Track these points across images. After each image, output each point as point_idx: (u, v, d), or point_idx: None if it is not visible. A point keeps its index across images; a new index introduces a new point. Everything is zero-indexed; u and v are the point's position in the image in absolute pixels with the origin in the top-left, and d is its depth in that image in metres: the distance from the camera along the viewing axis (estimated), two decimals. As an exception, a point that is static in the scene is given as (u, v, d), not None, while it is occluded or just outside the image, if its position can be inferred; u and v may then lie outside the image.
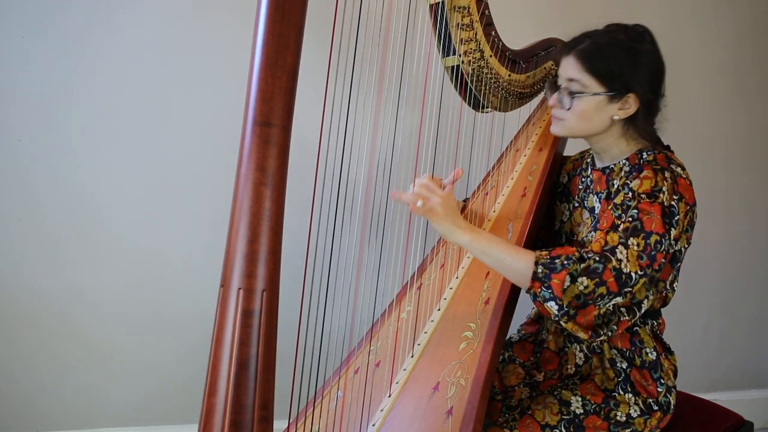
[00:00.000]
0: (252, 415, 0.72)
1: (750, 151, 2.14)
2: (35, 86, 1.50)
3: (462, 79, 1.20)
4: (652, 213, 0.95)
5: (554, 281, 0.91)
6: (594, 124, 1.07)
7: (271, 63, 0.71)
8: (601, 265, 0.91)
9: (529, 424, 1.02)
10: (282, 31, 0.72)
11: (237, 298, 0.71)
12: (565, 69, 1.07)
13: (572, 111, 1.06)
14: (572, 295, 0.90)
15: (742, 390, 2.20)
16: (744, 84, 2.08)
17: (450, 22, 1.14)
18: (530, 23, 1.77)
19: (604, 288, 0.90)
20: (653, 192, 0.97)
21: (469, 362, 0.96)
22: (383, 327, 1.16)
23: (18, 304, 1.56)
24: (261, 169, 0.72)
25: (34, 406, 1.61)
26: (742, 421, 1.21)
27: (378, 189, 1.10)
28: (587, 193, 1.18)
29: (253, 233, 0.72)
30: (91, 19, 1.51)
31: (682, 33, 1.96)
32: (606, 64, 1.04)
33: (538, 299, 0.93)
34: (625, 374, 1.08)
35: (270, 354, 0.73)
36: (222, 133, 1.59)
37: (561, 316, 0.92)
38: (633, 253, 0.92)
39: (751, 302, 2.22)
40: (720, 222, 2.11)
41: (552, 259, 0.93)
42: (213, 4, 1.57)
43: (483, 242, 0.99)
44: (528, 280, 0.93)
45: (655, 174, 0.99)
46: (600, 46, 1.05)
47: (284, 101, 0.72)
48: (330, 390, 1.08)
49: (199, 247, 1.64)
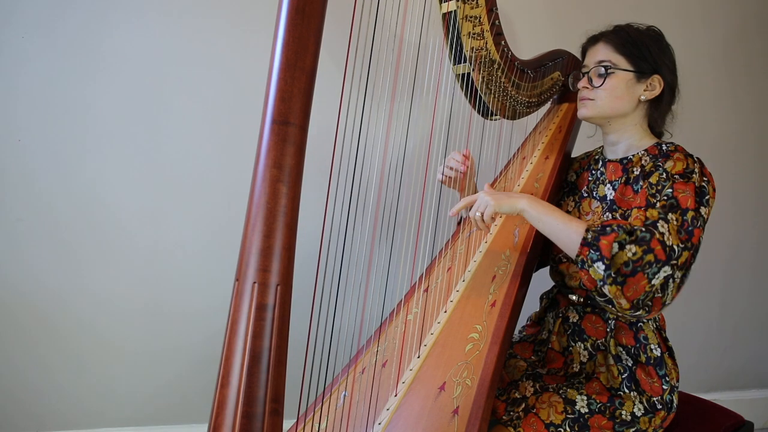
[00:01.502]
0: (263, 408, 0.73)
1: (750, 151, 2.16)
2: (35, 86, 1.51)
3: (472, 86, 1.22)
4: (686, 191, 1.00)
5: (603, 242, 0.93)
6: (623, 103, 1.13)
7: (291, 64, 0.73)
8: (648, 234, 0.93)
9: (534, 423, 1.03)
10: (302, 33, 0.73)
11: (252, 292, 0.72)
12: (594, 55, 1.15)
13: (603, 88, 1.12)
14: (621, 262, 0.92)
15: (742, 390, 2.21)
16: (738, 83, 2.11)
17: (461, 30, 1.16)
18: (538, 34, 1.80)
19: (651, 255, 0.92)
20: (686, 173, 1.02)
21: (475, 363, 0.97)
22: (391, 327, 1.17)
23: (28, 303, 1.57)
24: (278, 167, 0.73)
25: (48, 405, 1.61)
26: (742, 421, 1.21)
27: (390, 190, 1.12)
28: (597, 183, 1.21)
29: (269, 228, 0.73)
30: (91, 19, 1.52)
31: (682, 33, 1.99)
32: (635, 45, 1.12)
33: (585, 266, 0.95)
34: (630, 372, 1.09)
35: (282, 348, 0.74)
36: (230, 131, 1.61)
37: (606, 278, 0.92)
38: (673, 227, 0.96)
39: (752, 303, 2.22)
40: (722, 222, 2.12)
41: (603, 227, 0.96)
42: (215, 4, 1.60)
43: (541, 208, 1.04)
44: (577, 245, 0.96)
45: (686, 158, 1.05)
46: (628, 31, 1.13)
47: (302, 101, 0.74)
48: (338, 387, 1.09)
49: (209, 244, 1.65)
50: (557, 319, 1.22)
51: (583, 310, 1.17)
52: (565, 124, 1.37)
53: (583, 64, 1.20)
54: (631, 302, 0.93)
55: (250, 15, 1.56)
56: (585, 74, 1.17)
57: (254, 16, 1.59)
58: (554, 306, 1.25)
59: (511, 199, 1.05)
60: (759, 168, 2.17)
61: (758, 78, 2.12)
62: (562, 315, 1.21)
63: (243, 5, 1.58)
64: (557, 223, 1.02)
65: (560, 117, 1.45)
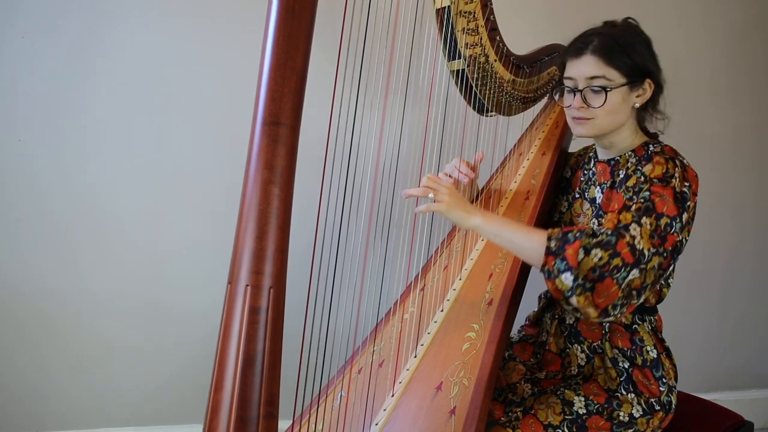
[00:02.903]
0: (258, 411, 0.73)
1: (750, 150, 2.15)
2: (36, 86, 1.51)
3: (467, 83, 1.21)
4: (664, 196, 0.96)
5: (568, 251, 0.89)
6: (620, 116, 1.09)
7: (281, 64, 0.72)
8: (614, 238, 0.90)
9: (532, 424, 1.03)
10: (292, 32, 0.72)
11: (244, 295, 0.72)
12: (583, 69, 1.07)
13: (604, 108, 1.06)
14: (587, 268, 0.88)
15: (742, 390, 2.21)
16: (738, 83, 2.09)
17: (456, 26, 1.15)
18: (534, 29, 1.78)
19: (619, 259, 0.89)
20: (665, 177, 0.99)
21: (472, 362, 0.97)
22: (387, 327, 1.17)
23: (28, 303, 1.57)
24: (270, 168, 0.73)
25: (48, 405, 1.61)
26: (742, 421, 1.21)
27: (384, 190, 1.11)
28: (588, 185, 1.20)
29: (261, 230, 0.72)
30: (92, 19, 1.52)
31: (682, 33, 1.97)
32: (626, 55, 1.06)
33: (552, 276, 0.91)
34: (627, 374, 1.09)
35: (276, 351, 0.73)
36: (231, 131, 1.60)
37: (575, 288, 0.88)
38: (646, 230, 0.92)
39: (752, 303, 2.22)
40: (722, 222, 2.11)
41: (564, 234, 0.93)
42: (214, 5, 1.59)
43: (495, 224, 1.01)
44: (541, 255, 0.92)
45: (666, 162, 1.01)
46: (614, 38, 1.06)
47: (293, 101, 0.73)
48: (334, 389, 1.09)
49: (207, 245, 1.65)
50: (554, 320, 1.21)
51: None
52: (562, 119, 1.36)
53: (566, 76, 1.10)
54: (601, 310, 0.90)
55: (250, 15, 1.55)
56: (574, 91, 1.08)
57: (255, 16, 1.58)
58: (551, 306, 1.24)
59: (465, 213, 1.00)
60: (759, 168, 2.16)
61: (758, 78, 2.11)
62: (558, 316, 1.21)
63: (243, 5, 1.57)
64: (515, 235, 0.98)
65: (557, 112, 1.44)
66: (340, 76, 0.84)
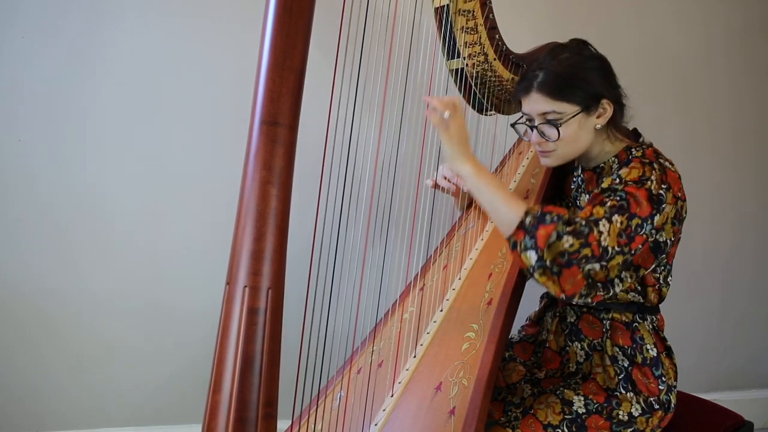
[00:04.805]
0: (257, 412, 0.72)
1: (750, 150, 2.14)
2: (36, 86, 1.50)
3: (466, 81, 1.21)
4: (637, 197, 0.96)
5: (540, 232, 0.91)
6: (583, 142, 1.09)
7: (279, 64, 0.72)
8: (587, 229, 0.92)
9: (532, 424, 1.03)
10: (289, 32, 0.72)
11: (243, 296, 0.72)
12: (533, 106, 1.08)
13: (561, 140, 1.07)
14: (556, 252, 0.89)
15: (742, 390, 2.20)
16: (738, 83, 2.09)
17: (454, 25, 1.15)
18: (534, 28, 1.78)
19: (588, 250, 0.90)
20: (640, 179, 0.99)
21: (471, 362, 0.97)
22: (386, 327, 1.16)
23: (28, 303, 1.57)
24: (268, 168, 0.73)
25: (48, 405, 1.61)
26: (742, 421, 1.21)
27: (383, 188, 1.11)
28: (579, 192, 1.19)
29: (259, 231, 0.72)
30: (92, 19, 1.52)
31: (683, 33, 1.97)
32: (571, 86, 1.05)
33: (517, 248, 0.93)
34: (626, 372, 1.09)
35: (275, 351, 0.73)
36: (227, 131, 1.60)
37: (538, 267, 0.91)
38: (615, 228, 0.93)
39: (752, 303, 2.22)
40: (722, 222, 2.11)
41: (543, 213, 0.93)
42: (214, 5, 1.59)
43: (483, 178, 1.01)
44: (513, 227, 0.94)
45: (643, 166, 1.01)
46: (556, 72, 1.06)
47: (291, 101, 0.73)
48: (333, 389, 1.09)
49: (208, 244, 1.65)
50: (555, 318, 1.21)
51: (580, 311, 1.17)
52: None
53: (523, 111, 1.11)
54: (568, 295, 0.92)
55: (250, 15, 1.55)
56: (532, 127, 1.09)
57: (255, 16, 1.58)
58: (553, 305, 1.24)
59: (461, 153, 1.01)
60: (759, 168, 2.15)
61: (758, 78, 2.10)
62: (559, 314, 1.21)
63: (243, 5, 1.57)
64: (496, 197, 0.98)
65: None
66: (339, 75, 0.83)
